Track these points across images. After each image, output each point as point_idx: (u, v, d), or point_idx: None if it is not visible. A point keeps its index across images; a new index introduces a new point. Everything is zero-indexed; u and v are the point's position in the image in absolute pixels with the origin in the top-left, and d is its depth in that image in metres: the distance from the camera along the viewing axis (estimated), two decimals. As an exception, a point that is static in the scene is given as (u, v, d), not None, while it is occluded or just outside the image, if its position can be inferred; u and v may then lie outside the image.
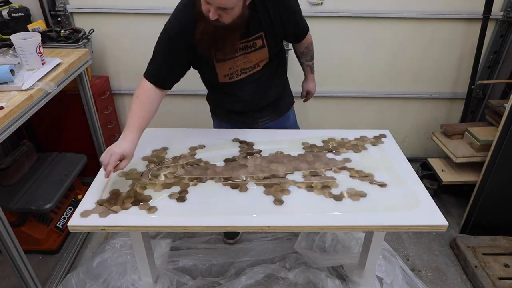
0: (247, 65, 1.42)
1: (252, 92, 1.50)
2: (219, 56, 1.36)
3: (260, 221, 1.13)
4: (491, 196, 1.91)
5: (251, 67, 1.43)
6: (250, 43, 1.36)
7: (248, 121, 1.63)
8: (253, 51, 1.38)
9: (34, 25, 1.95)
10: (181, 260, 1.83)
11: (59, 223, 1.97)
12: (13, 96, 1.40)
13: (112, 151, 1.17)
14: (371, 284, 1.64)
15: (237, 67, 1.41)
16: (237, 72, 1.43)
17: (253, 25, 1.32)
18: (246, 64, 1.41)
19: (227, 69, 1.41)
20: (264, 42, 1.38)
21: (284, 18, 1.36)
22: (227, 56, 1.36)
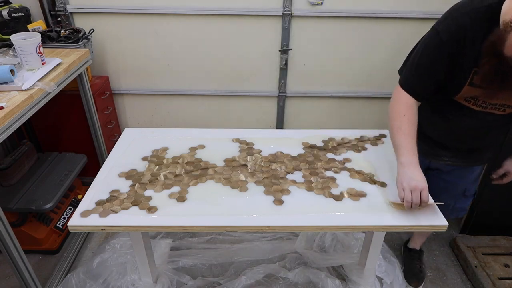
0: (493, 101, 1.17)
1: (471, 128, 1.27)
2: (476, 81, 1.13)
3: (260, 221, 1.13)
4: (491, 196, 1.91)
5: (494, 104, 1.17)
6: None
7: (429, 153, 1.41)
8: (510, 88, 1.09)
9: (34, 25, 1.95)
10: (181, 260, 1.83)
11: (59, 223, 1.97)
12: (13, 96, 1.40)
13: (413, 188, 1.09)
14: (371, 284, 1.64)
15: (483, 97, 1.16)
16: (478, 101, 1.19)
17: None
18: (492, 99, 1.16)
19: (472, 95, 1.18)
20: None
21: None
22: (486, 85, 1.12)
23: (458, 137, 1.33)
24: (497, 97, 1.15)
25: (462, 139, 1.33)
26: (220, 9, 2.09)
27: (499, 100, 1.16)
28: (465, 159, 1.41)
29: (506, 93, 1.13)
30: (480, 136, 1.31)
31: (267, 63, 2.28)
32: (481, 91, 1.15)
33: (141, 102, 2.45)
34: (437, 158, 1.42)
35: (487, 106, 1.19)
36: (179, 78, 2.34)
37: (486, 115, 1.21)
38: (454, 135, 1.33)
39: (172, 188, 1.26)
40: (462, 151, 1.38)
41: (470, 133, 1.29)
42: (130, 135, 1.56)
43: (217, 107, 2.45)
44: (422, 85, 1.20)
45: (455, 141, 1.35)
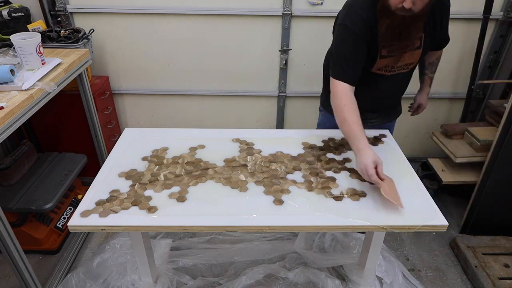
0: (399, 64, 1.40)
1: (387, 91, 1.51)
2: (384, 53, 1.35)
3: (260, 221, 1.13)
4: (491, 196, 1.91)
5: (402, 66, 1.42)
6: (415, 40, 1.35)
7: None
8: (409, 50, 1.36)
9: (34, 25, 1.95)
10: (181, 260, 1.83)
11: (59, 223, 1.97)
12: (13, 96, 1.40)
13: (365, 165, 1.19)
14: (371, 284, 1.64)
15: (390, 63, 1.40)
16: (388, 67, 1.41)
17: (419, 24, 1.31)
18: (397, 62, 1.39)
19: (384, 64, 1.40)
20: (421, 44, 1.37)
21: (444, 23, 1.38)
22: (391, 53, 1.35)
23: (380, 100, 1.55)
24: (401, 60, 1.38)
25: (383, 100, 1.56)
26: (220, 9, 2.09)
27: (403, 62, 1.39)
28: (387, 116, 1.66)
29: (406, 55, 1.36)
30: (396, 93, 1.57)
31: (267, 63, 2.28)
32: (390, 60, 1.37)
33: (141, 102, 2.45)
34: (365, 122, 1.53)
35: (395, 69, 1.42)
36: (179, 78, 2.34)
37: (396, 75, 1.44)
38: (376, 99, 1.54)
39: (172, 188, 1.26)
40: (384, 110, 1.63)
41: (387, 94, 1.54)
42: (130, 135, 1.56)
43: (217, 107, 2.45)
44: (352, 71, 1.35)
45: (378, 104, 1.57)
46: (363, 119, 1.50)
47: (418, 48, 1.38)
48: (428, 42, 1.39)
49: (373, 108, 1.58)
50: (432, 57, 1.62)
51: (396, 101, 1.65)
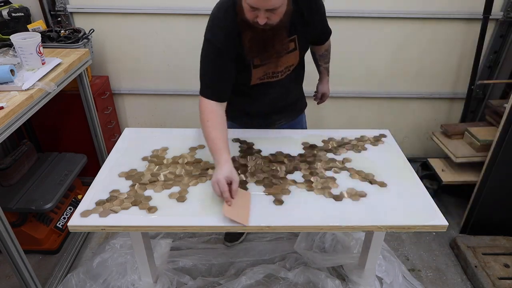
0: (278, 68, 1.39)
1: (277, 95, 1.50)
2: (257, 62, 1.34)
3: (260, 221, 1.13)
4: (491, 196, 1.91)
5: (282, 70, 1.41)
6: (284, 46, 1.32)
7: (264, 124, 1.61)
8: (286, 54, 1.35)
9: (34, 25, 1.95)
10: (181, 260, 1.82)
11: (59, 223, 1.97)
12: (13, 96, 1.40)
13: (217, 180, 1.14)
14: (371, 284, 1.64)
15: (270, 70, 1.39)
16: (269, 74, 1.41)
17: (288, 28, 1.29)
18: (277, 68, 1.39)
19: (262, 73, 1.39)
20: (296, 45, 1.36)
21: (315, 21, 1.36)
22: (264, 61, 1.34)
23: (276, 103, 1.54)
24: (280, 65, 1.38)
25: (280, 102, 1.55)
26: (220, 9, 2.09)
27: (283, 66, 1.39)
28: (292, 113, 1.66)
29: (283, 59, 1.36)
30: (291, 93, 1.55)
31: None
32: (266, 67, 1.37)
33: (141, 102, 2.45)
34: (273, 124, 1.64)
35: (278, 74, 1.42)
36: (179, 78, 2.34)
37: (280, 81, 1.44)
38: (272, 104, 1.54)
39: (172, 188, 1.26)
40: (287, 110, 1.62)
41: (281, 97, 1.52)
42: (130, 135, 1.56)
43: (217, 107, 2.45)
44: (219, 88, 1.31)
45: (276, 107, 1.57)
46: (269, 122, 1.62)
47: (294, 50, 1.37)
48: (303, 42, 1.38)
49: (274, 111, 1.58)
50: (320, 50, 1.63)
51: (295, 98, 1.62)
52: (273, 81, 1.43)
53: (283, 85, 1.47)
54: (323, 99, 1.83)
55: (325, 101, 1.85)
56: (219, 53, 1.26)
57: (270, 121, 1.62)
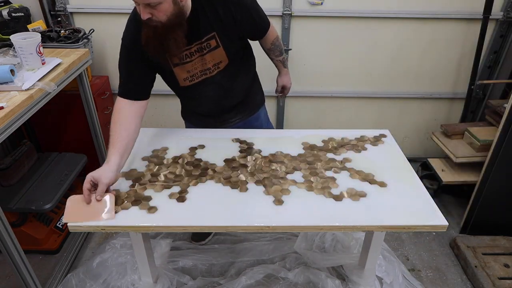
0: (205, 66, 1.40)
1: (215, 93, 1.49)
2: (175, 60, 1.35)
3: (260, 221, 1.13)
4: (491, 196, 1.91)
5: (211, 68, 1.41)
6: (203, 44, 1.34)
7: (218, 122, 1.62)
8: (209, 51, 1.36)
9: (34, 25, 1.95)
10: (181, 260, 1.82)
11: (59, 223, 1.97)
12: (13, 96, 1.40)
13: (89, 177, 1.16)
14: (371, 284, 1.64)
15: (196, 69, 1.40)
16: (197, 74, 1.41)
17: (204, 26, 1.31)
18: (204, 65, 1.39)
19: (185, 73, 1.40)
20: (218, 42, 1.36)
21: (237, 16, 1.33)
22: (183, 60, 1.36)
23: (220, 102, 1.53)
24: (206, 63, 1.38)
25: (224, 101, 1.54)
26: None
27: (210, 64, 1.39)
28: (246, 110, 1.63)
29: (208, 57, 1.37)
30: (231, 91, 1.51)
31: (267, 63, 2.28)
32: (189, 65, 1.37)
33: (141, 102, 2.45)
34: (227, 123, 1.63)
35: (206, 71, 1.41)
36: (179, 78, 2.34)
37: (214, 77, 1.43)
38: (217, 103, 1.53)
39: (172, 188, 1.26)
40: (238, 106, 1.59)
41: (224, 95, 1.50)
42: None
43: (217, 107, 2.45)
44: (129, 87, 1.35)
45: (223, 106, 1.56)
46: (222, 121, 1.61)
47: (217, 47, 1.36)
48: (226, 39, 1.36)
49: (222, 111, 1.58)
50: (266, 44, 1.59)
51: (240, 96, 1.57)
52: (203, 79, 1.43)
53: (217, 82, 1.45)
54: (284, 91, 1.82)
55: (287, 94, 1.84)
56: (128, 52, 1.33)
57: (223, 120, 1.62)
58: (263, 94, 1.73)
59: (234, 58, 1.44)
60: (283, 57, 1.70)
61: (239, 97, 1.57)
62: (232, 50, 1.41)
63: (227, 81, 1.47)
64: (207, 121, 1.62)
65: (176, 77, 1.41)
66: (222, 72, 1.43)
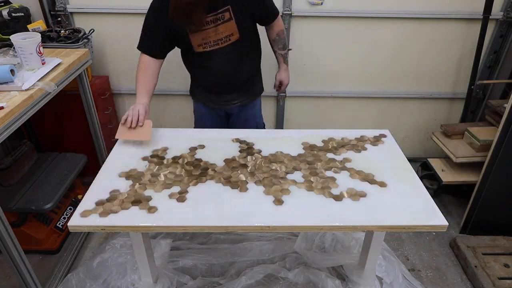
0: (218, 36, 1.54)
1: (225, 65, 1.61)
2: (193, 27, 1.50)
3: (260, 221, 1.13)
4: (491, 196, 1.91)
5: (223, 39, 1.55)
6: (218, 16, 1.49)
7: (220, 102, 1.75)
8: (222, 23, 1.51)
9: (34, 25, 1.95)
10: (181, 260, 1.82)
11: (59, 223, 1.97)
12: (13, 96, 1.40)
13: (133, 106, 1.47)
14: (371, 284, 1.64)
15: (210, 38, 1.54)
16: (210, 43, 1.55)
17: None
18: (217, 35, 1.54)
19: (200, 39, 1.54)
20: (231, 15, 1.50)
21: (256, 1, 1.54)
22: (199, 27, 1.50)
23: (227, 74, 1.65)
24: (219, 33, 1.53)
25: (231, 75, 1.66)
26: (220, 9, 2.09)
27: (222, 34, 1.54)
28: (246, 96, 1.77)
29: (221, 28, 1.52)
30: (236, 67, 1.65)
31: (267, 63, 2.28)
32: (204, 33, 1.52)
33: (141, 102, 2.45)
34: (227, 104, 1.76)
35: (218, 42, 1.56)
36: (178, 78, 2.34)
37: (223, 49, 1.57)
38: (224, 76, 1.65)
39: (172, 188, 1.26)
40: (240, 90, 1.74)
41: (226, 69, 1.63)
42: (130, 135, 1.56)
43: (217, 107, 2.45)
44: (151, 43, 1.58)
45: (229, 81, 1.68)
46: (224, 101, 1.75)
47: (230, 20, 1.51)
48: (239, 14, 1.52)
49: (226, 88, 1.72)
50: (272, 34, 1.75)
51: (244, 77, 1.71)
52: (215, 49, 1.56)
53: (227, 54, 1.59)
54: (281, 87, 1.90)
55: (284, 89, 1.93)
56: (155, 16, 1.52)
57: (225, 100, 1.75)
58: (262, 86, 1.86)
59: (244, 35, 1.58)
60: (286, 52, 1.81)
61: (244, 77, 1.71)
62: (243, 26, 1.56)
63: (237, 55, 1.61)
64: (209, 98, 1.76)
65: (192, 42, 1.55)
66: (232, 45, 1.57)
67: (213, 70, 1.63)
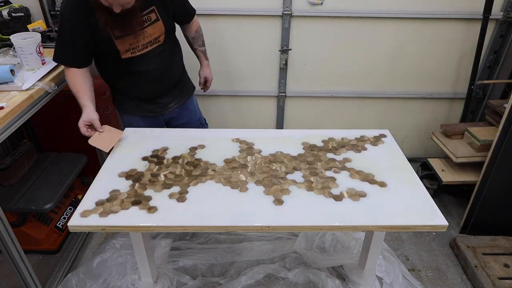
0: (147, 39, 1.49)
1: (157, 66, 1.57)
2: (117, 33, 1.43)
3: (260, 221, 1.13)
4: (491, 196, 1.91)
5: (152, 41, 1.51)
6: (145, 17, 1.45)
7: (158, 109, 1.70)
8: (149, 25, 1.47)
9: (34, 25, 1.95)
10: (181, 260, 1.82)
11: (59, 223, 1.97)
12: (13, 96, 1.40)
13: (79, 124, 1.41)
14: (371, 284, 1.64)
15: (138, 42, 1.48)
16: (139, 47, 1.49)
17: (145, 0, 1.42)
18: (145, 39, 1.49)
19: (128, 45, 1.47)
20: (157, 16, 1.48)
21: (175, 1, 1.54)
22: (125, 32, 1.43)
23: (156, 81, 1.61)
24: (146, 36, 1.48)
25: (163, 78, 1.62)
26: (220, 9, 2.09)
27: (150, 37, 1.49)
28: (180, 95, 1.75)
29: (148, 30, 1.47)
30: (168, 68, 1.62)
31: (267, 63, 2.28)
32: (131, 38, 1.45)
33: (141, 102, 2.45)
34: (165, 109, 1.72)
35: (147, 45, 1.50)
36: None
37: (153, 51, 1.53)
38: (152, 82, 1.60)
39: (172, 188, 1.26)
40: (174, 91, 1.71)
41: (158, 71, 1.58)
42: (130, 135, 1.56)
43: (217, 107, 2.45)
44: (67, 55, 1.46)
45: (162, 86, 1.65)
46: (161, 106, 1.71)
47: (157, 21, 1.48)
48: (164, 14, 1.50)
49: (160, 93, 1.67)
50: (191, 32, 1.76)
51: (175, 77, 1.70)
52: (144, 53, 1.51)
53: (157, 56, 1.54)
54: (206, 84, 1.88)
55: (210, 86, 1.90)
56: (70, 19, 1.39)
57: (161, 106, 1.70)
58: (192, 82, 1.85)
59: (170, 35, 1.58)
60: (205, 48, 1.83)
61: (176, 76, 1.69)
62: (169, 26, 1.54)
63: (167, 56, 1.59)
64: (145, 108, 1.69)
65: (118, 49, 1.47)
66: (161, 46, 1.55)
67: (145, 75, 1.56)
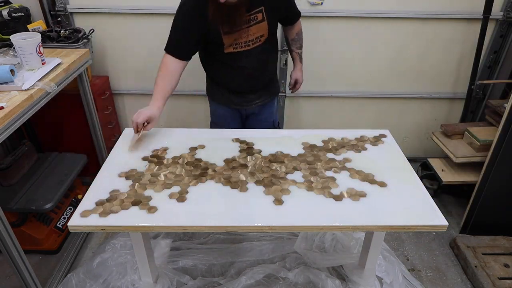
0: (249, 37, 1.55)
1: (254, 64, 1.62)
2: (226, 29, 1.50)
3: (260, 221, 1.13)
4: (491, 196, 1.91)
5: (254, 40, 1.56)
6: (252, 17, 1.50)
7: (244, 103, 1.76)
8: (255, 24, 1.52)
9: (34, 25, 1.95)
10: (181, 260, 1.83)
11: (59, 223, 1.97)
12: (13, 96, 1.40)
13: (140, 112, 1.43)
14: (371, 284, 1.64)
15: (241, 39, 1.54)
16: (241, 43, 1.55)
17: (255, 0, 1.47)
18: (248, 37, 1.54)
19: (232, 40, 1.54)
20: (264, 16, 1.52)
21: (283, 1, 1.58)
22: (232, 29, 1.50)
23: (252, 76, 1.66)
24: (250, 34, 1.53)
25: (256, 77, 1.68)
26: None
27: (253, 36, 1.55)
28: (267, 95, 1.80)
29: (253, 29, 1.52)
30: (263, 67, 1.68)
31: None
32: (236, 35, 1.52)
33: (141, 102, 2.44)
34: (250, 104, 1.77)
35: (249, 43, 1.56)
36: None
37: (253, 50, 1.58)
38: (247, 78, 1.66)
39: (172, 188, 1.26)
40: (262, 89, 1.76)
41: (254, 68, 1.64)
42: (130, 135, 1.56)
43: (217, 107, 2.45)
44: (179, 45, 1.54)
45: (253, 83, 1.70)
46: (247, 101, 1.76)
47: (262, 21, 1.53)
48: (271, 15, 1.54)
49: (250, 89, 1.73)
50: (291, 34, 1.81)
51: (268, 77, 1.76)
52: (245, 50, 1.57)
53: (256, 55, 1.60)
54: (296, 86, 1.94)
55: (299, 88, 1.95)
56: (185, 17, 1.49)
57: (247, 100, 1.76)
58: (279, 84, 1.91)
59: (271, 36, 1.62)
60: (302, 51, 1.87)
61: (268, 76, 1.75)
62: (272, 28, 1.59)
63: (264, 55, 1.64)
64: (232, 99, 1.75)
65: (223, 42, 1.54)
66: (261, 46, 1.59)
67: (242, 70, 1.63)
